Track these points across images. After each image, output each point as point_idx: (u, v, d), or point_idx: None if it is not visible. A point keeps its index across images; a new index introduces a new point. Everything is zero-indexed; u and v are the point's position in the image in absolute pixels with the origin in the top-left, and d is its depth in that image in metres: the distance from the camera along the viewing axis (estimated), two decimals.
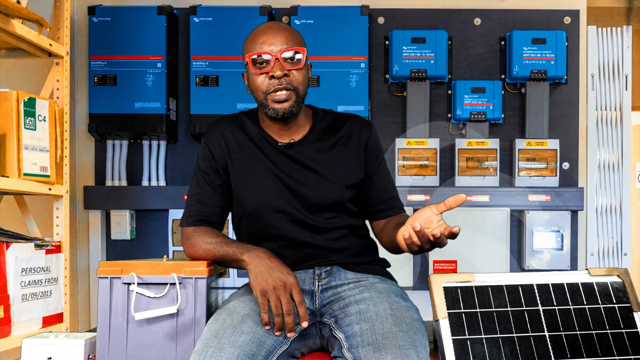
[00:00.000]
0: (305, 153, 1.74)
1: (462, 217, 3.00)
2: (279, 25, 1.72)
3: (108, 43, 2.98)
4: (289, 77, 1.66)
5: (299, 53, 1.67)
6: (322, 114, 1.82)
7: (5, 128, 2.07)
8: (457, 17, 3.13)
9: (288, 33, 1.69)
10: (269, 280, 1.55)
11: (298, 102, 1.69)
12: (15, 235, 2.15)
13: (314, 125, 1.78)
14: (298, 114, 1.74)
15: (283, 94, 1.66)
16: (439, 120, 3.12)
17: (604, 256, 3.15)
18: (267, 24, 1.73)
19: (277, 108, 1.67)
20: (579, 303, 1.59)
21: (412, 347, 1.44)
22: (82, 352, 1.67)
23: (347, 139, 1.78)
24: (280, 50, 1.65)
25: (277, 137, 1.76)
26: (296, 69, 1.67)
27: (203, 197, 1.76)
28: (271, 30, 1.68)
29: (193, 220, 1.76)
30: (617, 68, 3.15)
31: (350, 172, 1.75)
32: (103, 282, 1.66)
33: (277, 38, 1.66)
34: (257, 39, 1.68)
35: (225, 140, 1.76)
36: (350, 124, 1.79)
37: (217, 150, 1.76)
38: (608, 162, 3.16)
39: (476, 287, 1.58)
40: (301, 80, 1.69)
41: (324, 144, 1.76)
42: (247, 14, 2.97)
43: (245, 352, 1.45)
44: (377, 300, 1.59)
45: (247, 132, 1.77)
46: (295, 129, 1.76)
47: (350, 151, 1.77)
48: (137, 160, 3.11)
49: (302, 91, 1.70)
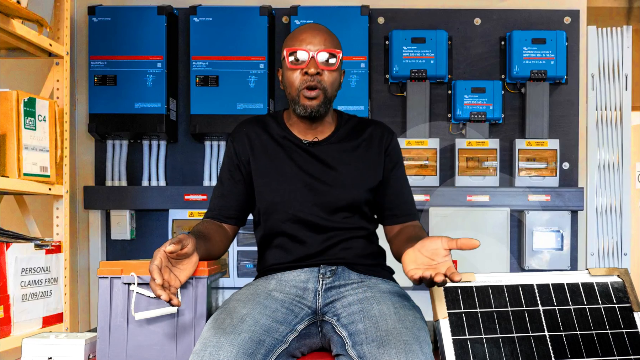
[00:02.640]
0: (327, 152, 1.79)
1: (462, 217, 3.00)
2: (320, 27, 1.78)
3: (108, 43, 2.98)
4: (321, 76, 1.72)
5: (334, 56, 1.73)
6: (347, 117, 1.88)
7: (5, 128, 2.07)
8: (457, 17, 3.13)
9: (327, 35, 1.75)
10: None
11: (325, 103, 1.75)
12: (15, 235, 2.15)
13: (338, 127, 1.83)
14: (325, 115, 1.79)
15: (313, 92, 1.72)
16: (439, 120, 3.12)
17: (604, 256, 3.15)
18: (309, 24, 1.80)
19: (306, 105, 1.73)
20: (579, 303, 1.59)
21: (416, 343, 1.45)
22: (82, 352, 1.67)
23: (369, 142, 1.82)
24: (317, 50, 1.71)
25: (301, 135, 1.81)
26: (329, 70, 1.73)
27: (223, 191, 1.83)
28: (312, 30, 1.75)
29: (211, 214, 1.83)
30: (617, 68, 3.15)
31: (371, 174, 1.80)
32: (103, 282, 1.66)
33: (316, 38, 1.73)
34: (298, 36, 1.74)
35: (249, 138, 1.82)
36: (373, 128, 1.85)
37: (241, 147, 1.82)
38: (608, 162, 3.16)
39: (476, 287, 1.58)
40: (332, 82, 1.75)
41: (346, 145, 1.81)
42: (247, 14, 2.97)
43: (244, 351, 1.45)
44: (380, 299, 1.60)
45: (270, 132, 1.83)
46: (320, 129, 1.81)
47: (371, 155, 1.81)
48: (137, 160, 3.11)
49: (330, 92, 1.75)
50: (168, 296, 1.45)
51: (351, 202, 1.76)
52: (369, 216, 1.83)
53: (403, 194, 1.85)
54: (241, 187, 1.82)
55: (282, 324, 1.57)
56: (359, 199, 1.77)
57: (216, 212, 1.83)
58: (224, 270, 1.87)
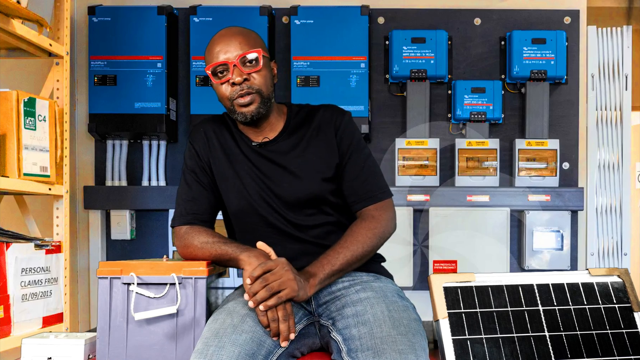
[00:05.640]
0: (278, 151, 1.75)
1: (462, 217, 3.00)
2: (232, 30, 1.71)
3: (108, 43, 2.98)
4: (249, 80, 1.67)
5: (255, 55, 1.67)
6: (296, 110, 1.81)
7: (5, 128, 2.07)
8: (457, 17, 3.13)
9: (242, 37, 1.69)
10: (270, 277, 1.53)
11: (264, 103, 1.70)
12: (15, 235, 2.15)
13: (287, 122, 1.78)
14: (269, 114, 1.74)
15: (247, 98, 1.67)
16: (439, 120, 3.12)
17: (604, 256, 3.15)
18: (220, 32, 1.72)
19: (244, 112, 1.68)
20: (579, 303, 1.59)
21: (412, 351, 1.44)
22: (82, 352, 1.67)
23: (318, 129, 1.76)
24: (236, 56, 1.66)
25: (252, 137, 1.77)
26: (255, 71, 1.68)
27: (193, 194, 1.77)
28: (224, 37, 1.69)
29: (186, 220, 1.76)
30: (617, 68, 3.15)
31: (325, 164, 1.74)
32: (103, 282, 1.66)
33: (230, 45, 1.67)
34: (213, 50, 1.69)
35: (207, 139, 1.79)
36: (321, 114, 1.78)
37: (201, 149, 1.78)
38: (608, 162, 3.16)
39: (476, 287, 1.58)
40: (263, 82, 1.69)
41: (297, 139, 1.76)
42: (247, 14, 2.97)
43: (246, 351, 1.45)
44: (374, 301, 1.58)
45: (229, 132, 1.79)
46: (268, 129, 1.76)
47: (322, 142, 1.75)
48: (137, 160, 3.11)
49: (265, 92, 1.69)
50: None
51: (312, 197, 1.71)
52: (339, 206, 1.76)
53: (361, 177, 1.74)
54: (209, 191, 1.77)
55: None
56: (320, 192, 1.71)
57: (190, 217, 1.75)
58: (223, 271, 1.86)
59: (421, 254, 3.05)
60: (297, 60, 2.98)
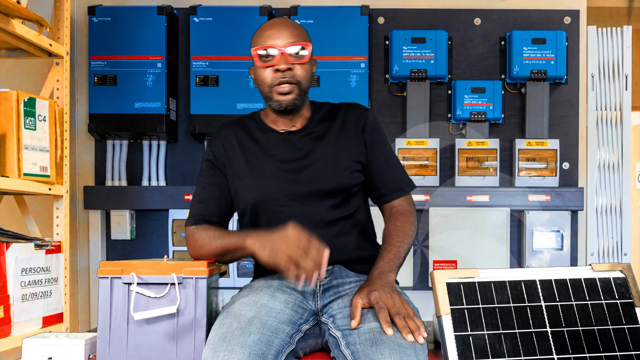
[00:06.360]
0: (305, 140, 1.78)
1: (462, 217, 3.00)
2: (286, 21, 1.77)
3: (108, 43, 2.98)
4: (292, 70, 1.71)
5: (303, 48, 1.72)
6: (319, 105, 1.87)
7: (5, 128, 2.07)
8: (457, 17, 3.13)
9: (294, 29, 1.73)
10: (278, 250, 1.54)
11: (301, 96, 1.74)
12: (15, 235, 2.15)
13: (312, 115, 1.83)
14: (301, 107, 1.78)
15: (286, 87, 1.71)
16: (439, 120, 3.12)
17: (604, 256, 3.15)
18: (274, 20, 1.78)
19: (281, 100, 1.72)
20: (581, 299, 1.59)
21: (411, 347, 1.44)
22: (82, 352, 1.67)
23: (344, 125, 1.81)
24: (285, 45, 1.70)
25: (281, 127, 1.80)
26: (300, 64, 1.72)
27: (204, 196, 1.80)
28: (278, 25, 1.74)
29: (194, 220, 1.79)
30: (617, 68, 3.15)
31: (351, 155, 1.78)
32: (103, 282, 1.66)
33: (283, 33, 1.71)
34: (264, 34, 1.73)
35: (226, 140, 1.81)
36: (345, 110, 1.84)
37: (218, 151, 1.81)
38: (608, 162, 3.16)
39: (479, 283, 1.58)
40: (304, 75, 1.74)
41: (325, 128, 1.80)
42: (247, 14, 2.97)
43: (256, 352, 1.44)
44: None
45: (248, 132, 1.82)
46: (296, 121, 1.81)
47: (348, 135, 1.79)
48: (137, 160, 3.11)
49: (304, 85, 1.75)
50: None
51: (337, 186, 1.73)
52: (359, 203, 1.80)
53: (389, 170, 1.82)
54: (221, 192, 1.79)
55: (288, 324, 1.56)
56: (346, 182, 1.74)
57: (199, 217, 1.79)
58: (224, 271, 1.86)
59: (421, 254, 3.05)
60: None
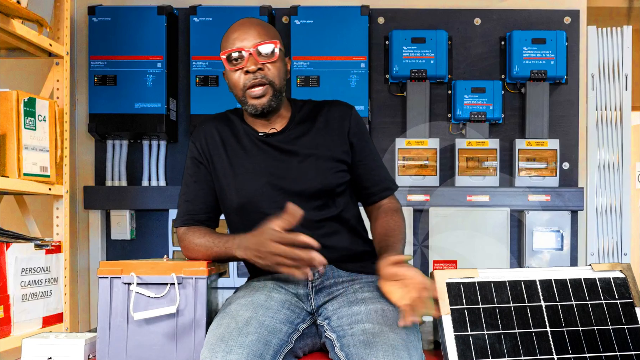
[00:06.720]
0: (286, 140, 1.74)
1: (462, 217, 3.00)
2: (251, 20, 1.73)
3: (108, 43, 2.98)
4: (263, 70, 1.68)
5: (272, 46, 1.68)
6: (300, 104, 1.83)
7: (5, 128, 2.07)
8: (457, 17, 3.13)
9: (260, 27, 1.70)
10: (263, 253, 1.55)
11: (276, 96, 1.70)
12: (15, 235, 2.15)
13: (293, 115, 1.79)
14: (279, 108, 1.75)
15: (259, 89, 1.67)
16: (439, 120, 3.12)
17: (604, 256, 3.15)
18: (240, 21, 1.74)
19: (255, 104, 1.69)
20: (581, 299, 1.59)
21: (405, 349, 1.43)
22: (82, 352, 1.67)
23: (327, 124, 1.77)
24: (253, 45, 1.67)
25: (260, 129, 1.77)
26: (270, 62, 1.69)
27: (190, 195, 1.78)
28: (244, 26, 1.70)
29: (182, 220, 1.78)
30: (617, 68, 3.15)
31: (334, 156, 1.74)
32: (103, 282, 1.66)
33: (249, 33, 1.68)
34: (231, 36, 1.69)
35: (209, 138, 1.78)
36: (328, 108, 1.80)
37: (201, 148, 1.78)
38: (608, 162, 3.16)
39: (479, 283, 1.58)
40: (276, 74, 1.70)
41: (305, 129, 1.76)
42: (247, 14, 2.95)
43: (254, 352, 1.44)
44: (370, 302, 1.58)
45: (232, 129, 1.78)
46: (277, 121, 1.77)
47: (331, 134, 1.76)
48: (137, 160, 3.11)
49: (278, 84, 1.70)
50: None
51: (321, 187, 1.70)
52: (345, 202, 1.76)
53: (376, 169, 1.80)
54: (207, 190, 1.77)
55: (285, 324, 1.56)
56: (329, 183, 1.71)
57: (187, 217, 1.77)
58: (223, 270, 1.86)
59: (421, 254, 3.05)
60: (297, 60, 2.98)
